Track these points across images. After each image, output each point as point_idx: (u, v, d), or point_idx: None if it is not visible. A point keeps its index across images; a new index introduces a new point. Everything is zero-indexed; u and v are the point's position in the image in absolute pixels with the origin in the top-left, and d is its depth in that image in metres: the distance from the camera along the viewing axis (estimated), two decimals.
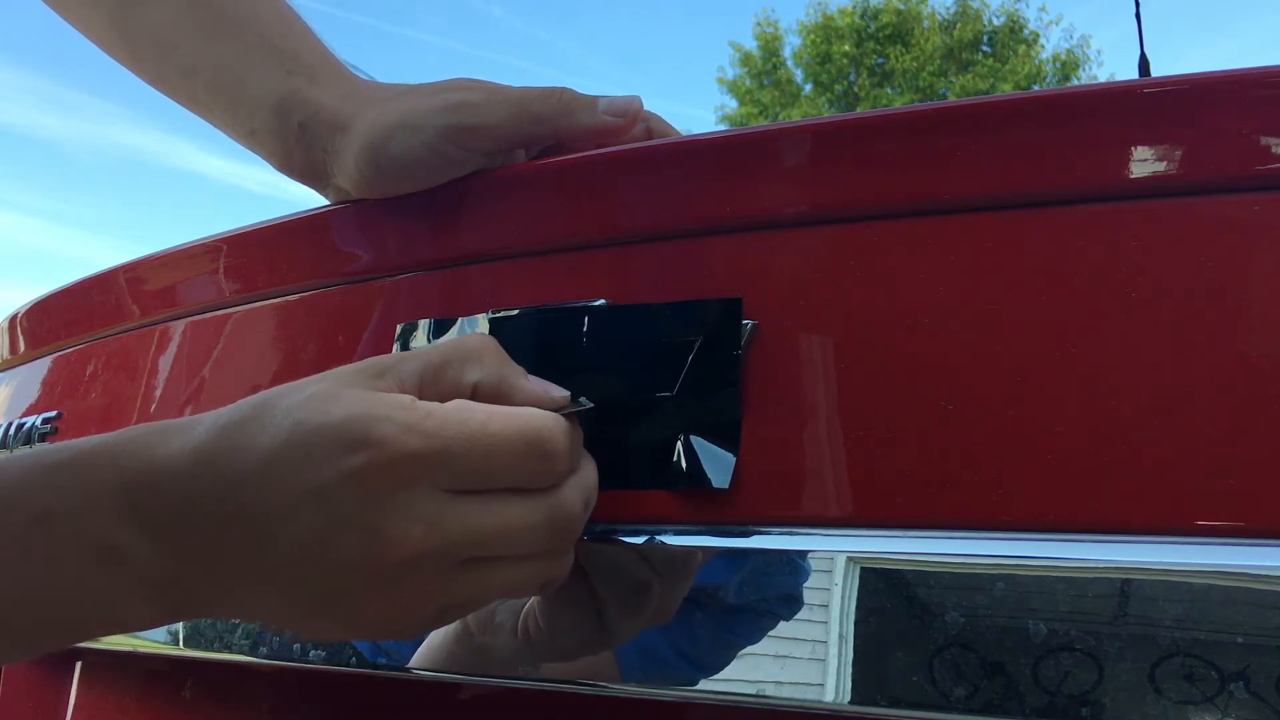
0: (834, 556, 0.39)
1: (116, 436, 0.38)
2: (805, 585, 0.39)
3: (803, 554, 0.40)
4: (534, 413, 0.39)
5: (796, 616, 0.40)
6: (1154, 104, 0.37)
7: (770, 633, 0.40)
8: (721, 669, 0.41)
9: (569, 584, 0.42)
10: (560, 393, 0.41)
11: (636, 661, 0.44)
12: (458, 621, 0.45)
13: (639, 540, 0.42)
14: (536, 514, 0.38)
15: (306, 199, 0.58)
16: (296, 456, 0.36)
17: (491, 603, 0.44)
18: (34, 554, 0.35)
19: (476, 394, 0.40)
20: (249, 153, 0.57)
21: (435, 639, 0.47)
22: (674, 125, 0.55)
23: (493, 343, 0.42)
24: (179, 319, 0.62)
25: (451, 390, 0.40)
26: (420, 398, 0.38)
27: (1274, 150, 0.36)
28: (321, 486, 0.35)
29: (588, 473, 0.41)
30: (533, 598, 0.45)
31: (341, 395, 0.37)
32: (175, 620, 0.39)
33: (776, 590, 0.40)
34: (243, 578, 0.37)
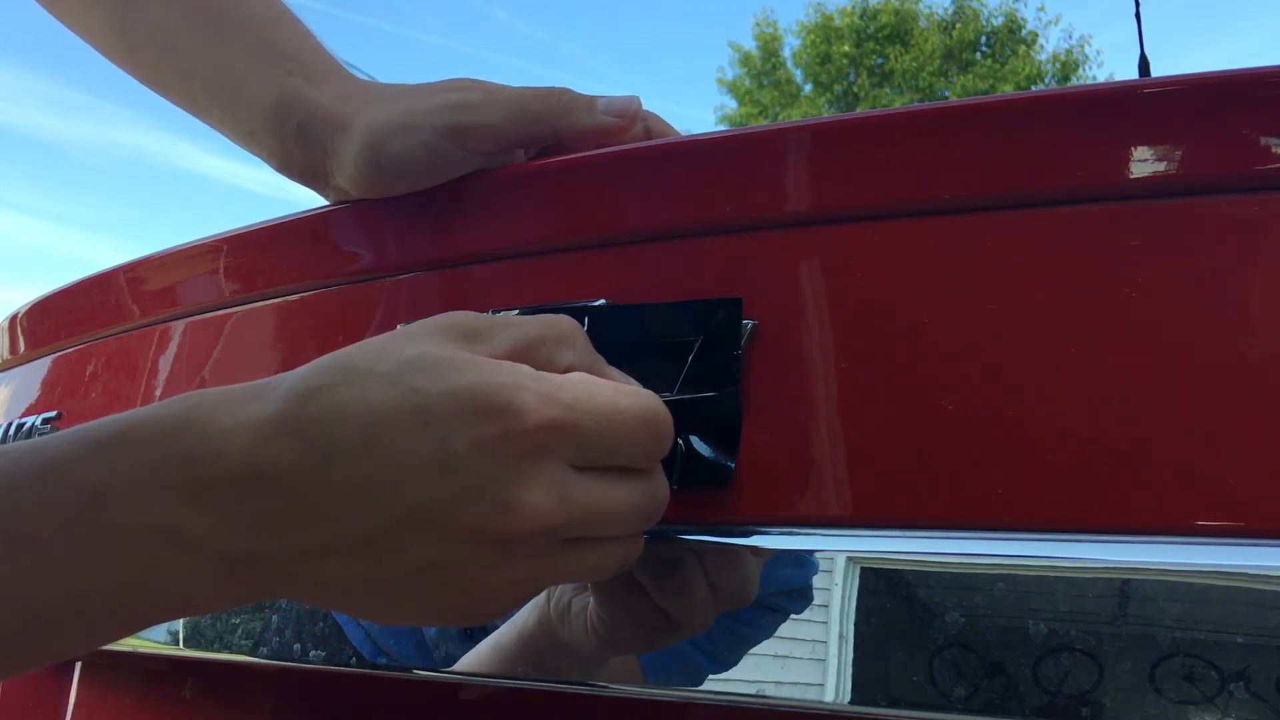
0: (834, 556, 0.39)
1: (171, 407, 0.35)
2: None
3: (804, 554, 0.40)
4: (649, 393, 0.38)
5: (797, 616, 0.40)
6: (1154, 104, 0.37)
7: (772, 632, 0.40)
8: (735, 663, 0.41)
9: (619, 580, 0.42)
10: (638, 385, 0.41)
11: (655, 655, 0.44)
12: (539, 617, 0.44)
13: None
14: (641, 495, 0.38)
15: (308, 199, 0.58)
16: (412, 424, 0.34)
17: (573, 583, 0.43)
18: (91, 535, 0.33)
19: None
20: (250, 154, 0.57)
21: (511, 631, 0.46)
22: (673, 126, 0.55)
23: (581, 329, 0.41)
24: (179, 319, 0.62)
25: (544, 368, 0.38)
26: None
27: (1274, 150, 0.36)
28: (447, 454, 0.34)
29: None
30: (590, 598, 0.44)
31: (454, 359, 0.35)
32: (248, 600, 0.37)
33: (785, 585, 0.40)
34: (328, 553, 0.35)
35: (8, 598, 0.32)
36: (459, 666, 0.47)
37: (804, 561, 0.40)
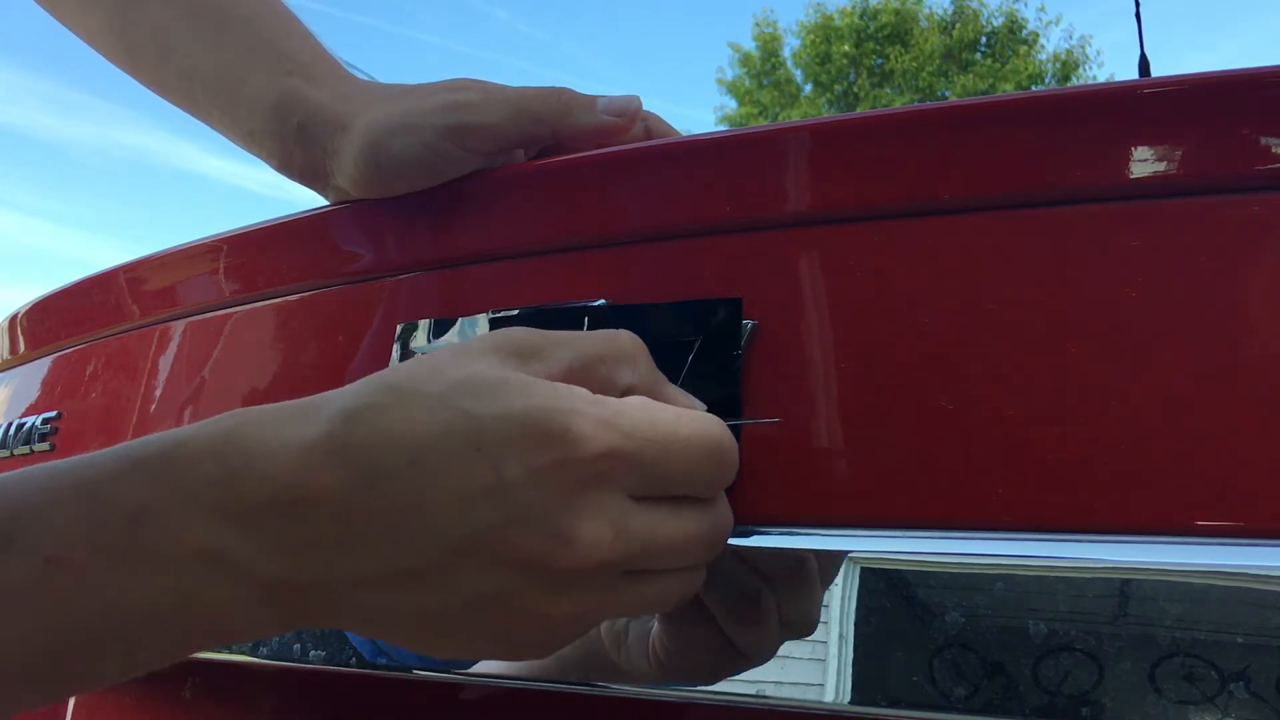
0: (834, 556, 0.39)
1: (214, 427, 0.34)
2: None
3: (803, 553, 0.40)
4: (714, 419, 0.37)
5: None
6: (1154, 104, 0.37)
7: None
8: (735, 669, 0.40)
9: (689, 609, 0.40)
10: (702, 406, 0.40)
11: None
12: (585, 641, 0.41)
13: None
14: (703, 525, 0.36)
15: (308, 200, 0.58)
16: (463, 449, 0.33)
17: (634, 616, 0.42)
18: (131, 558, 0.32)
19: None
20: (250, 154, 0.57)
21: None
22: (673, 126, 0.55)
23: (643, 346, 0.39)
24: (179, 319, 0.62)
25: (603, 388, 0.37)
26: None
27: (1274, 150, 0.36)
28: (500, 482, 0.32)
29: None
30: (656, 624, 0.43)
31: (508, 381, 0.34)
32: (290, 629, 0.35)
33: None
34: (374, 582, 0.33)
35: (46, 622, 0.31)
36: (484, 669, 0.47)
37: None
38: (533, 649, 0.37)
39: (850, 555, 0.38)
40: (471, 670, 0.47)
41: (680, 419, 0.36)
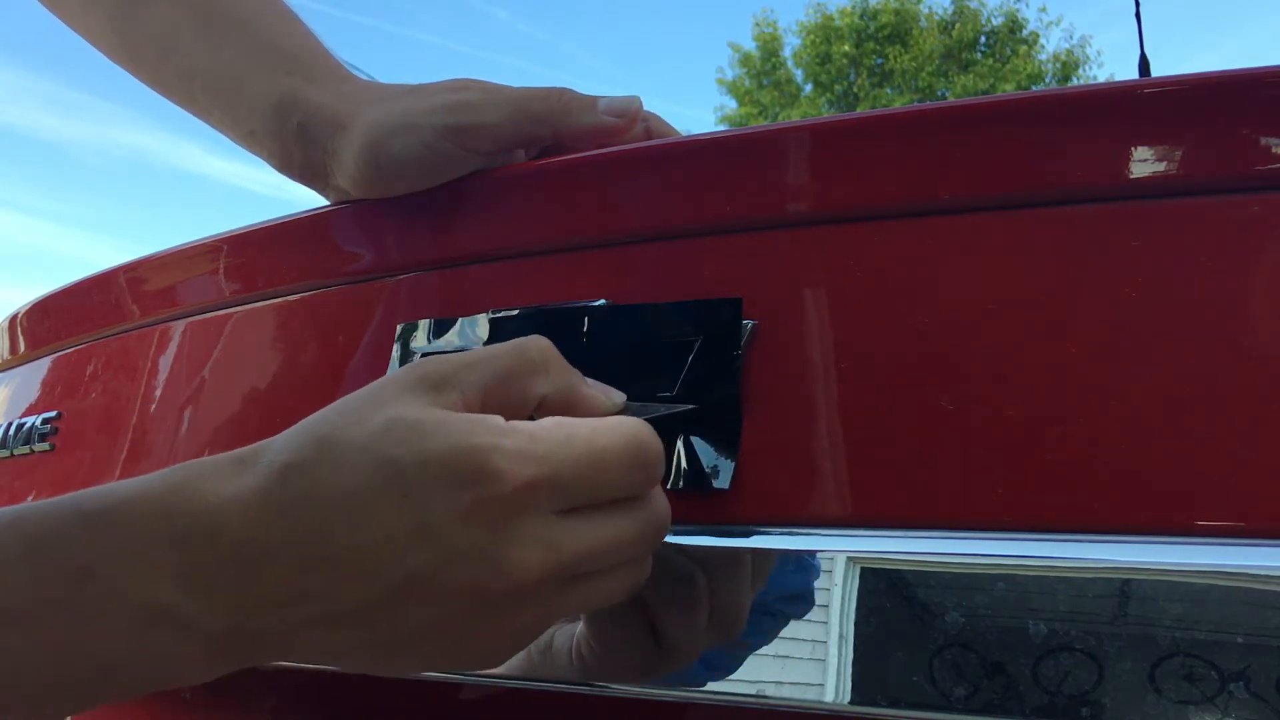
0: (834, 556, 0.39)
1: (157, 482, 0.35)
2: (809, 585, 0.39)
3: (803, 554, 0.40)
4: (631, 422, 0.38)
5: (796, 619, 0.40)
6: (1154, 104, 0.37)
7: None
8: (735, 669, 0.41)
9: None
10: (619, 396, 0.41)
11: None
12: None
13: None
14: (638, 523, 0.37)
15: (310, 200, 0.58)
16: (391, 496, 0.34)
17: (585, 613, 0.43)
18: (76, 614, 0.33)
19: (543, 408, 0.39)
20: (251, 154, 0.57)
21: None
22: (673, 126, 0.55)
23: (552, 349, 0.40)
24: (179, 319, 0.62)
25: (518, 404, 0.38)
26: (483, 412, 0.37)
27: (1274, 150, 0.36)
28: (428, 524, 0.34)
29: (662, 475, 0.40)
30: (580, 623, 0.44)
31: (424, 423, 0.35)
32: (233, 669, 0.36)
33: (785, 590, 0.40)
34: (322, 622, 0.35)
35: None
36: None
37: (804, 566, 0.40)
38: (488, 660, 0.38)
39: (850, 555, 0.38)
40: (471, 670, 0.47)
41: (596, 431, 0.36)
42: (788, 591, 0.40)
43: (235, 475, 0.35)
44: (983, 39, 13.71)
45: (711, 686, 0.41)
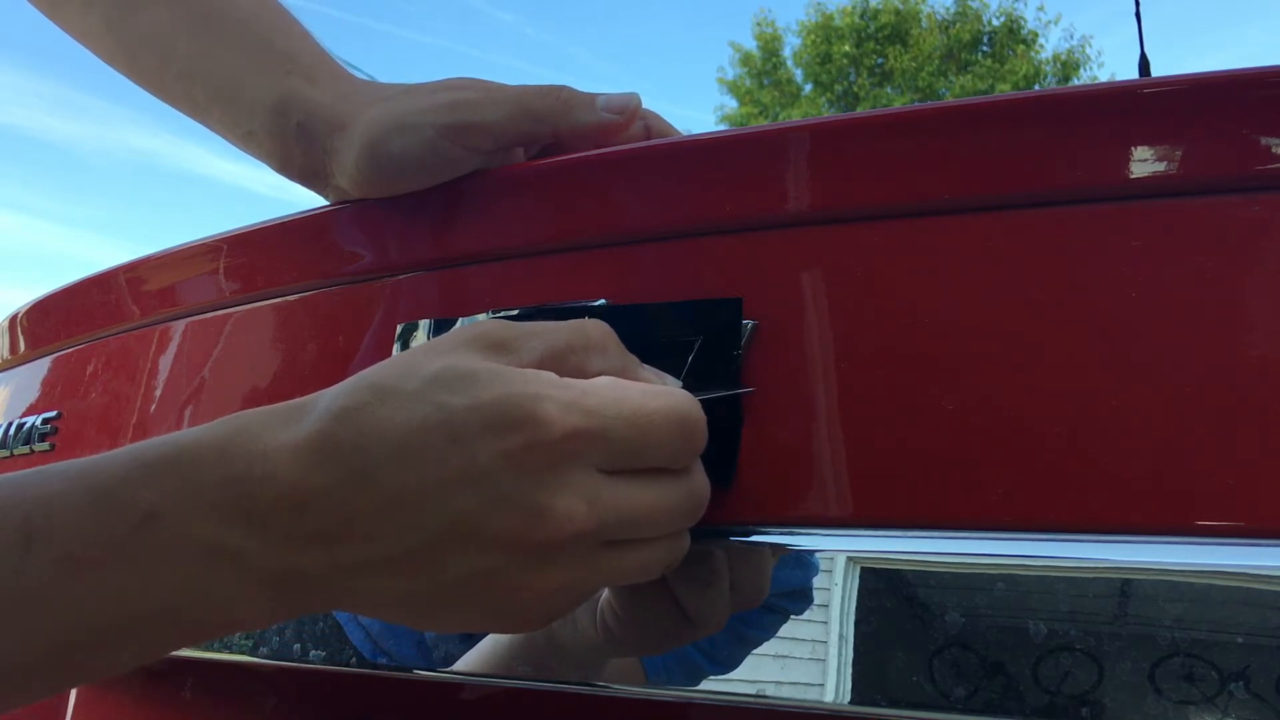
0: (834, 556, 0.39)
1: (215, 431, 0.36)
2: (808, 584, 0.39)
3: (803, 554, 0.40)
4: (682, 394, 0.38)
5: (797, 616, 0.40)
6: (1154, 104, 0.37)
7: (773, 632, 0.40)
8: (737, 665, 0.41)
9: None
10: (675, 383, 0.41)
11: (659, 657, 0.44)
12: None
13: None
14: (677, 494, 0.38)
15: (312, 201, 0.58)
16: (440, 440, 0.35)
17: (621, 585, 0.44)
18: (143, 556, 0.34)
19: None
20: (250, 155, 0.57)
21: (501, 637, 0.46)
22: (673, 126, 0.55)
23: (612, 333, 0.41)
24: (179, 319, 0.62)
25: (574, 376, 0.38)
26: None
27: (1274, 150, 0.36)
28: (475, 468, 0.35)
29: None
30: (606, 591, 0.45)
31: (478, 373, 0.36)
32: (294, 615, 0.38)
33: (786, 586, 0.40)
34: (371, 568, 0.36)
35: (68, 619, 0.34)
36: (459, 666, 0.47)
37: (805, 563, 0.40)
38: (526, 622, 0.39)
39: (850, 555, 0.38)
40: (471, 670, 0.47)
41: (647, 395, 0.37)
42: (788, 588, 0.40)
43: (291, 421, 0.36)
44: (984, 39, 13.71)
45: (711, 686, 0.41)
